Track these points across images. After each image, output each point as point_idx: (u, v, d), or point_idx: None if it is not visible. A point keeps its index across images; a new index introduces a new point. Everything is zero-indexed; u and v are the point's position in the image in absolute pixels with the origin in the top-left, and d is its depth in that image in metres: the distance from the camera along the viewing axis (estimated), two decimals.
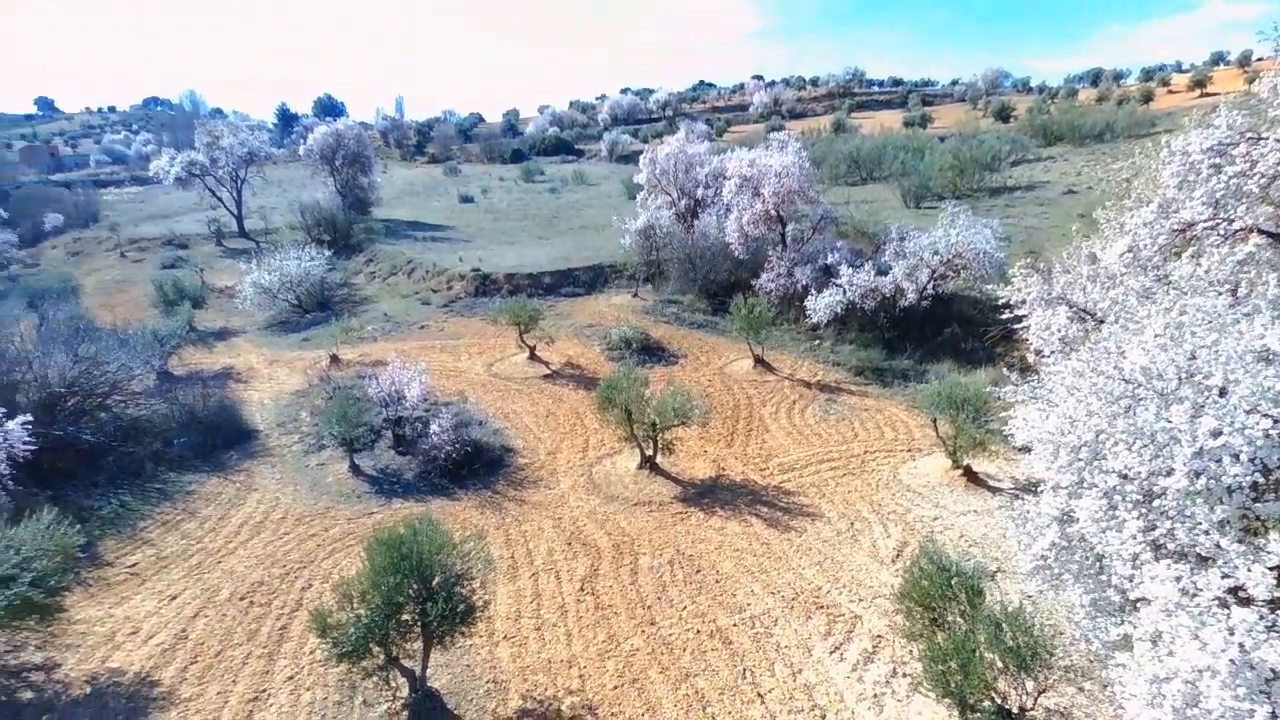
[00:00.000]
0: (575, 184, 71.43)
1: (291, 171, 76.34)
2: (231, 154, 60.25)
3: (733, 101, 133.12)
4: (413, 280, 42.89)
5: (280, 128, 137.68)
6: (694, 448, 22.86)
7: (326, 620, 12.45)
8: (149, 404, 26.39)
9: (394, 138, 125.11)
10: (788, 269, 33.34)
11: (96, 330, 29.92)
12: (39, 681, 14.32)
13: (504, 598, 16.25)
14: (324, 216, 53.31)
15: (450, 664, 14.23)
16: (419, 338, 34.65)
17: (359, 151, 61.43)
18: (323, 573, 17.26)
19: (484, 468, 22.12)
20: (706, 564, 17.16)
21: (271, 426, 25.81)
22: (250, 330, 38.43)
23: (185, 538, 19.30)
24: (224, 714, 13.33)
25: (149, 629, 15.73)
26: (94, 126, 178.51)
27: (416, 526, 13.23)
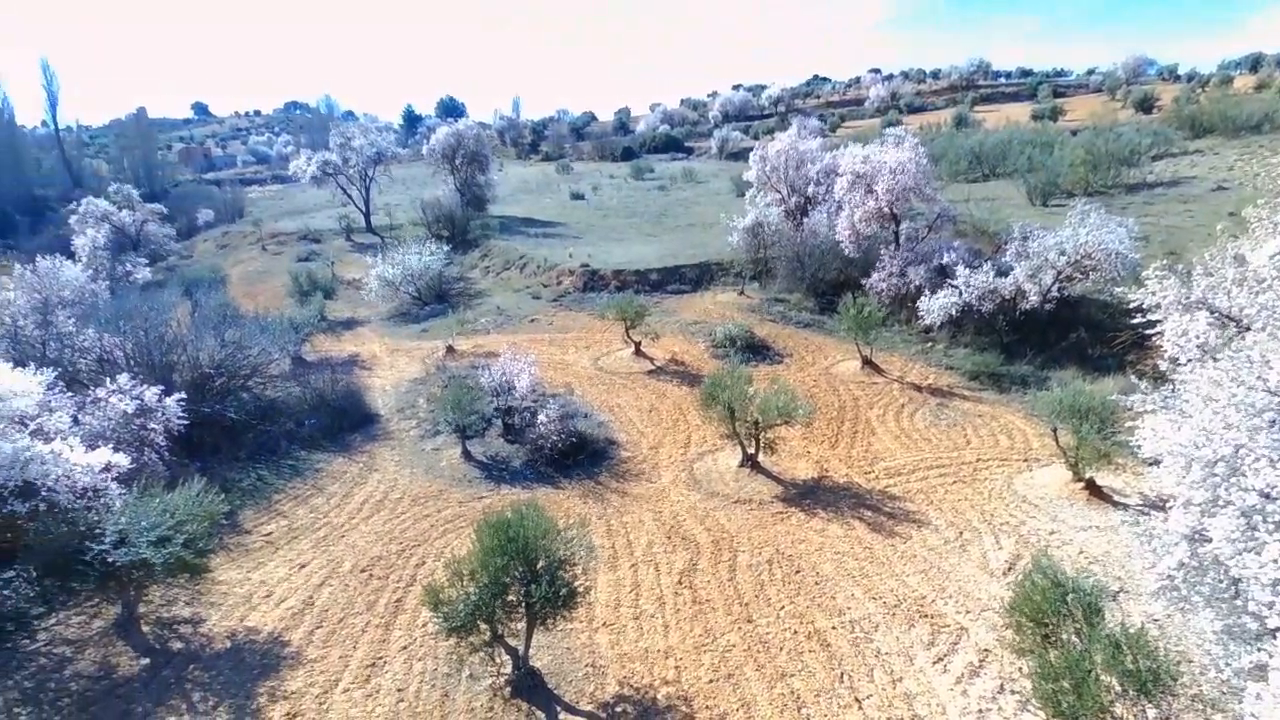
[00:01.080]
0: (684, 181, 71.65)
1: (415, 170, 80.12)
2: (361, 154, 63.85)
3: (847, 96, 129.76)
4: (524, 275, 44.26)
5: (405, 128, 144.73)
6: (797, 448, 22.64)
7: (439, 595, 13.17)
8: (284, 387, 28.52)
9: (510, 137, 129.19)
10: (900, 268, 32.39)
11: (240, 317, 32.51)
12: (187, 634, 15.82)
13: (604, 586, 16.66)
14: (443, 213, 55.74)
15: (551, 646, 14.75)
16: (529, 331, 35.78)
17: (477, 150, 63.81)
18: (435, 551, 18.20)
19: (588, 459, 22.68)
20: (806, 565, 17.01)
21: (392, 412, 27.33)
22: (374, 320, 40.74)
23: (314, 512, 20.78)
24: (344, 677, 14.33)
25: (281, 594, 17.06)
26: (241, 129, 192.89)
27: (523, 511, 13.78)
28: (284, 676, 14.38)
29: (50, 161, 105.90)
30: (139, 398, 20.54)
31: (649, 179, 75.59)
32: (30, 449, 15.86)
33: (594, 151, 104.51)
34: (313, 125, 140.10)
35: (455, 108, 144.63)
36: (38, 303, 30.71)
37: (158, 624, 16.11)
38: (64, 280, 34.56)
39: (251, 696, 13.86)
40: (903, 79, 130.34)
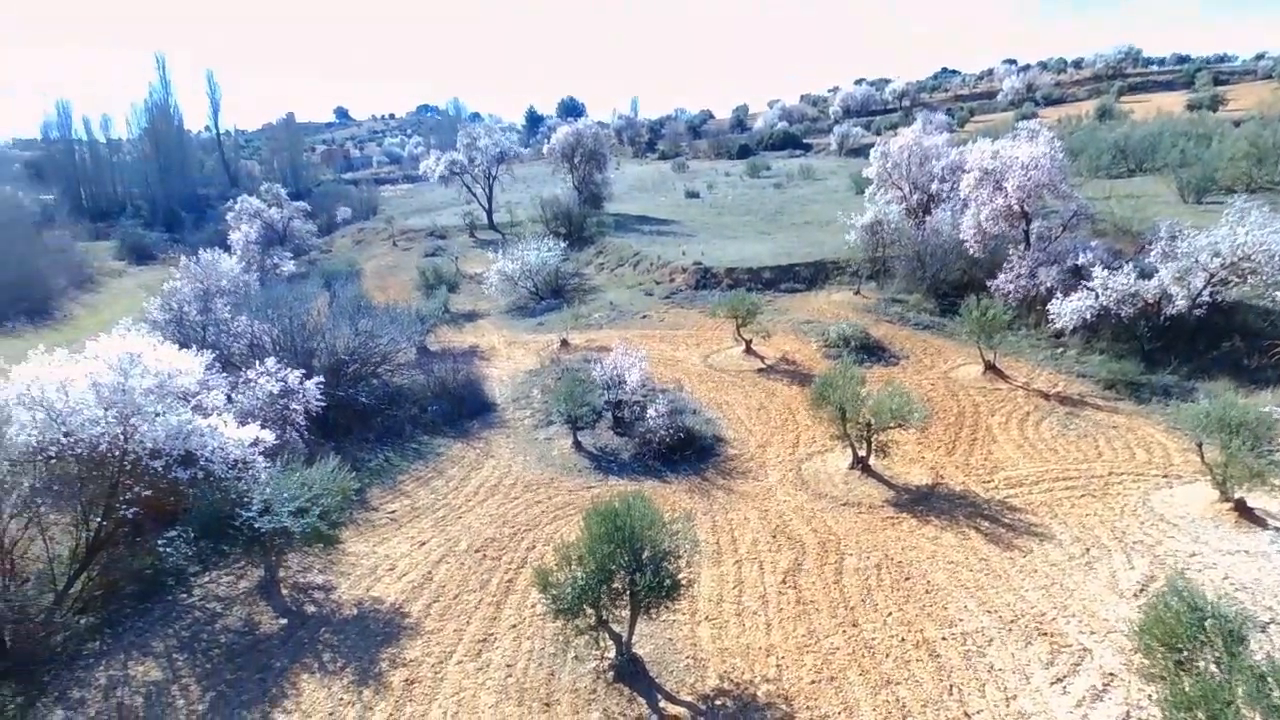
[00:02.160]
0: (801, 179, 70.44)
1: (535, 169, 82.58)
2: (486, 154, 66.48)
3: (978, 90, 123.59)
4: (637, 272, 44.84)
5: (527, 129, 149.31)
6: (910, 452, 21.96)
7: (548, 578, 13.70)
8: (410, 375, 30.19)
9: (627, 136, 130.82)
10: (1030, 269, 30.73)
11: (372, 309, 34.60)
12: (320, 599, 17.11)
13: (707, 580, 16.78)
14: (561, 210, 57.19)
15: (654, 635, 15.01)
16: (641, 327, 36.26)
17: (595, 149, 65.08)
18: (545, 536, 18.85)
19: (695, 454, 22.83)
20: (917, 572, 16.52)
21: (508, 401, 28.41)
22: (493, 314, 42.38)
23: (434, 493, 21.94)
24: (458, 649, 15.11)
25: (402, 568, 18.15)
26: (377, 131, 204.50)
27: (630, 502, 14.09)
28: (404, 645, 15.32)
29: (211, 163, 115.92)
30: (283, 380, 22.32)
31: (765, 176, 74.76)
32: (191, 422, 17.58)
33: (710, 149, 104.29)
34: (442, 127, 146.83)
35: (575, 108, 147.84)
36: (199, 291, 33.86)
37: (295, 588, 17.50)
38: (222, 271, 37.92)
39: (375, 661, 14.85)
40: (1040, 69, 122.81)
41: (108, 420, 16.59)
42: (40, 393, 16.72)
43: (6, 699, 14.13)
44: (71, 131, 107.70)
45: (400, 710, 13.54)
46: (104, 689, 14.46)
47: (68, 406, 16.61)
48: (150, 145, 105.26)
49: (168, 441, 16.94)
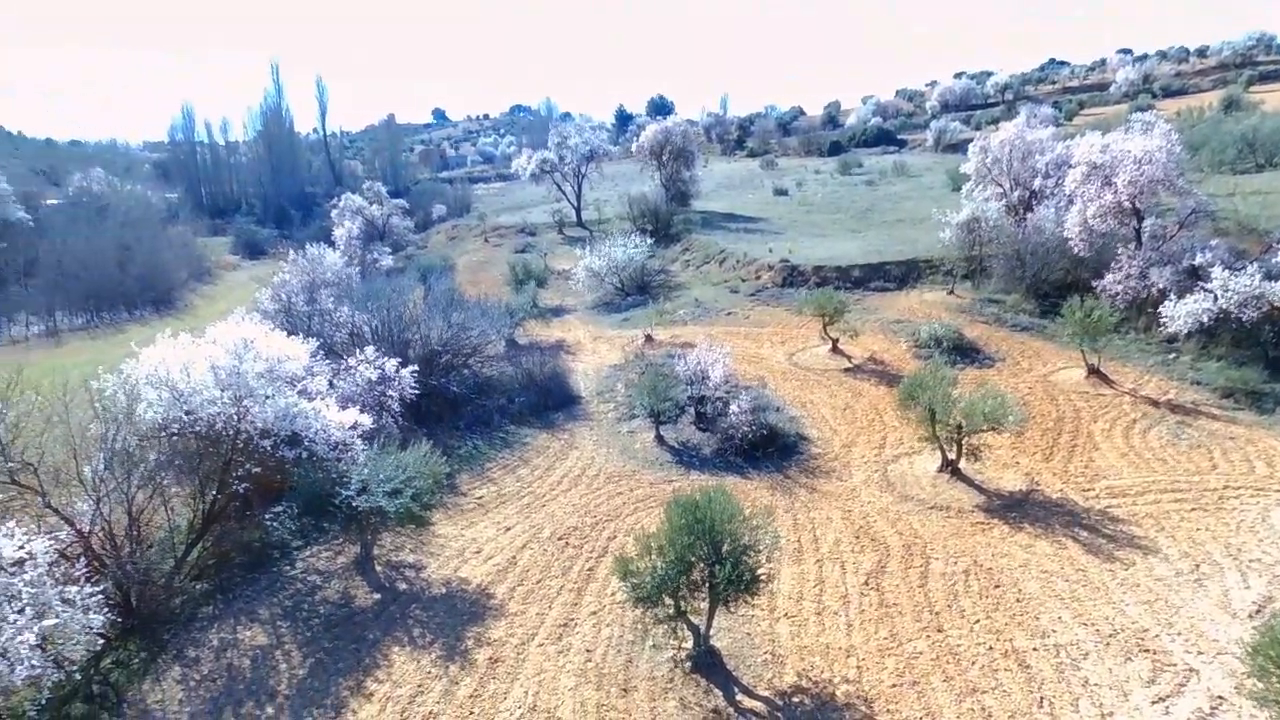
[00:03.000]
0: (894, 176, 68.57)
1: (624, 167, 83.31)
2: (576, 152, 67.57)
3: (1089, 81, 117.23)
4: (723, 269, 44.69)
5: (617, 127, 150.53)
6: (1004, 457, 21.17)
7: (628, 566, 13.91)
8: (499, 366, 31.07)
9: (716, 133, 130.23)
10: (1140, 269, 29.06)
11: (464, 303, 35.71)
12: (411, 577, 17.87)
13: (787, 578, 16.66)
14: (648, 208, 57.54)
15: (732, 629, 15.02)
16: (725, 324, 36.17)
17: (683, 147, 65.15)
18: (626, 527, 19.10)
19: (777, 452, 22.65)
20: (1007, 580, 15.95)
21: (592, 394, 28.86)
22: (580, 309, 43.07)
23: (519, 481, 22.53)
24: (540, 632, 15.52)
25: (488, 551, 18.74)
26: (472, 131, 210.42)
27: (711, 495, 14.16)
28: (488, 624, 15.84)
29: (318, 163, 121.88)
30: (381, 368, 23.37)
31: (856, 174, 73.15)
32: (297, 405, 18.67)
33: (800, 147, 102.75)
34: (534, 127, 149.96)
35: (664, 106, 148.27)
36: (306, 283, 35.76)
37: (388, 565, 18.33)
38: (326, 265, 39.94)
39: (461, 638, 15.42)
40: (1159, 59, 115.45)
41: (224, 401, 17.82)
42: (166, 374, 18.12)
43: (132, 653, 15.38)
44: (194, 134, 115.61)
45: (484, 687, 14.02)
46: (216, 650, 15.55)
47: (189, 387, 17.92)
48: (264, 147, 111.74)
49: (276, 422, 18.06)
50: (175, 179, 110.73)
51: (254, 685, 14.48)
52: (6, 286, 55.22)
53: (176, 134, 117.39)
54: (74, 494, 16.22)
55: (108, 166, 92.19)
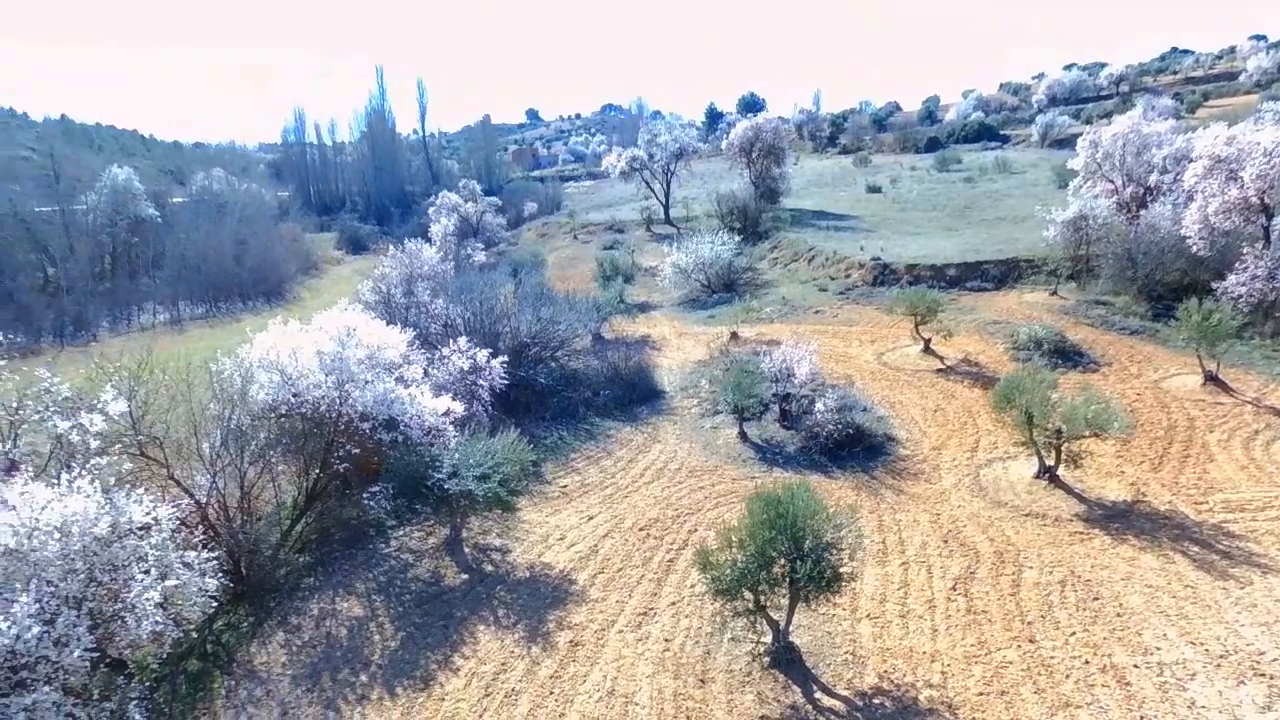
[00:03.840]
0: (995, 172, 65.89)
1: (713, 165, 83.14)
2: (665, 150, 67.88)
3: (1215, 70, 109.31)
4: (812, 267, 44.04)
5: (707, 125, 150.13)
6: (1108, 465, 20.12)
7: (709, 559, 13.96)
8: (585, 360, 31.60)
9: (808, 130, 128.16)
10: (1269, 270, 27.03)
11: (553, 297, 36.51)
12: (497, 560, 18.43)
13: (871, 579, 16.35)
14: (737, 205, 57.25)
15: (812, 627, 14.86)
16: (813, 322, 35.64)
17: (774, 144, 64.48)
18: (707, 521, 19.13)
19: (864, 452, 22.21)
20: (1107, 593, 15.18)
21: (676, 390, 28.98)
22: (666, 305, 43.27)
23: (603, 472, 22.88)
24: (620, 620, 15.75)
25: (571, 539, 19.13)
26: (564, 131, 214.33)
27: (793, 491, 14.05)
28: (570, 609, 16.19)
29: (417, 163, 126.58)
30: (473, 358, 24.17)
31: (955, 170, 70.69)
32: (394, 391, 19.56)
33: (895, 143, 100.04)
34: (624, 126, 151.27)
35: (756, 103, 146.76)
36: (404, 277, 37.25)
37: (475, 548, 18.97)
38: (423, 260, 41.50)
39: (543, 621, 15.82)
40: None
41: (328, 385, 18.86)
42: (276, 358, 19.30)
43: (241, 617, 16.47)
44: (305, 136, 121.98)
45: (564, 669, 14.35)
46: (316, 618, 16.47)
47: (297, 371, 19.04)
48: (367, 147, 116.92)
49: (375, 406, 18.98)
50: (287, 178, 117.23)
51: (350, 654, 15.27)
52: (137, 278, 59.77)
53: (289, 136, 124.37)
54: (193, 467, 17.48)
55: (227, 167, 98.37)
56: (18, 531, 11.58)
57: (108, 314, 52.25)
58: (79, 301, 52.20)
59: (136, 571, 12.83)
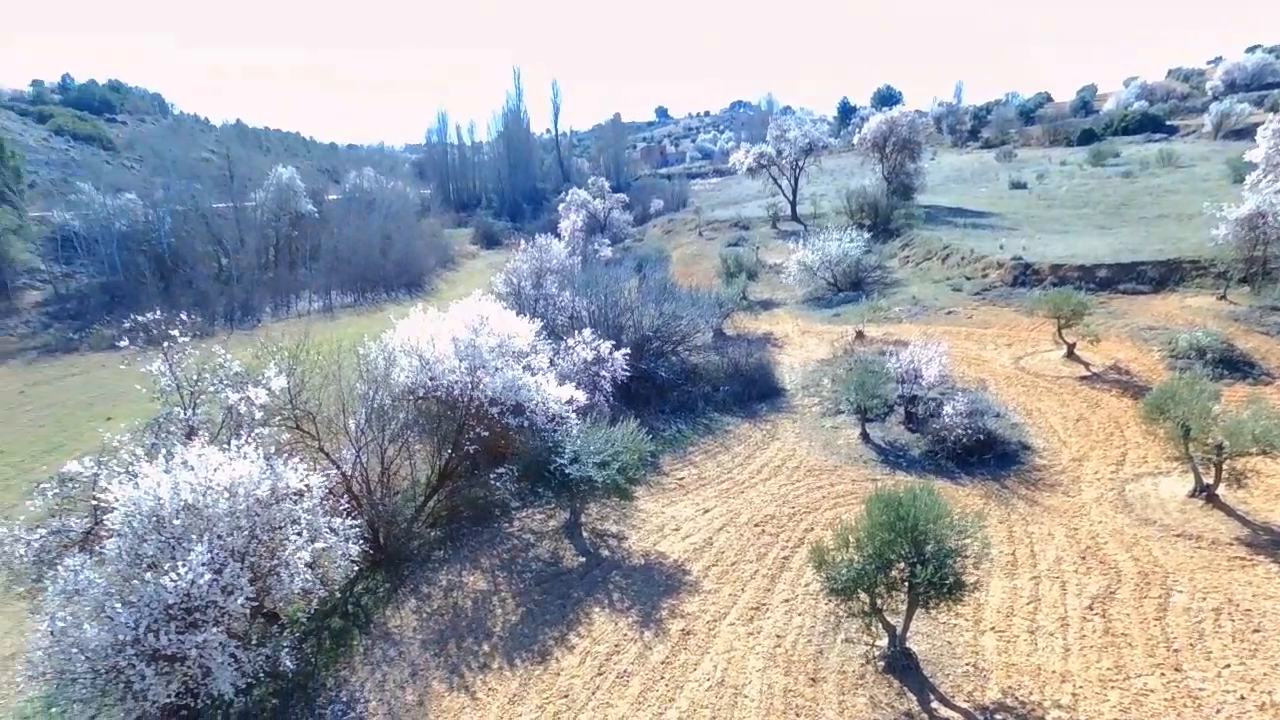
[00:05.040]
0: (1158, 166, 60.62)
1: (844, 160, 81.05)
2: (794, 145, 66.71)
3: None
4: (946, 266, 42.18)
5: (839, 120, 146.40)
6: (1278, 487, 18.24)
7: (824, 556, 13.79)
8: (706, 355, 31.70)
9: (947, 124, 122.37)
10: None
11: (676, 293, 36.79)
12: (613, 546, 18.91)
13: (997, 591, 15.63)
14: (867, 202, 55.59)
15: (931, 634, 14.39)
16: (945, 323, 34.19)
17: (909, 138, 62.05)
18: (824, 520, 18.84)
19: (995, 460, 21.18)
20: (1271, 625, 13.83)
21: (797, 388, 28.62)
22: (789, 303, 42.69)
23: (720, 466, 22.95)
24: (732, 612, 15.82)
25: (686, 530, 19.34)
26: (692, 128, 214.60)
27: (916, 493, 13.65)
28: (682, 598, 16.41)
29: (549, 161, 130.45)
30: (596, 350, 24.82)
31: (1111, 165, 65.56)
32: (522, 378, 20.41)
33: (1044, 136, 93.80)
34: (753, 122, 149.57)
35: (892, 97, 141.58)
36: (534, 270, 38.59)
37: (593, 533, 19.53)
38: (552, 254, 42.78)
39: (656, 608, 16.12)
40: None
41: (461, 370, 19.94)
42: (415, 344, 20.61)
43: (378, 583, 17.73)
44: (446, 137, 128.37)
45: (675, 655, 14.59)
46: (444, 589, 17.48)
47: (434, 356, 20.25)
48: (503, 146, 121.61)
49: (504, 392, 19.90)
50: (429, 176, 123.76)
51: (473, 624, 16.13)
52: (296, 269, 64.85)
53: (432, 137, 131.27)
54: (341, 442, 18.95)
55: (376, 166, 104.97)
56: (195, 489, 13.01)
57: (270, 301, 57.04)
58: (247, 289, 57.32)
59: (290, 533, 14.09)
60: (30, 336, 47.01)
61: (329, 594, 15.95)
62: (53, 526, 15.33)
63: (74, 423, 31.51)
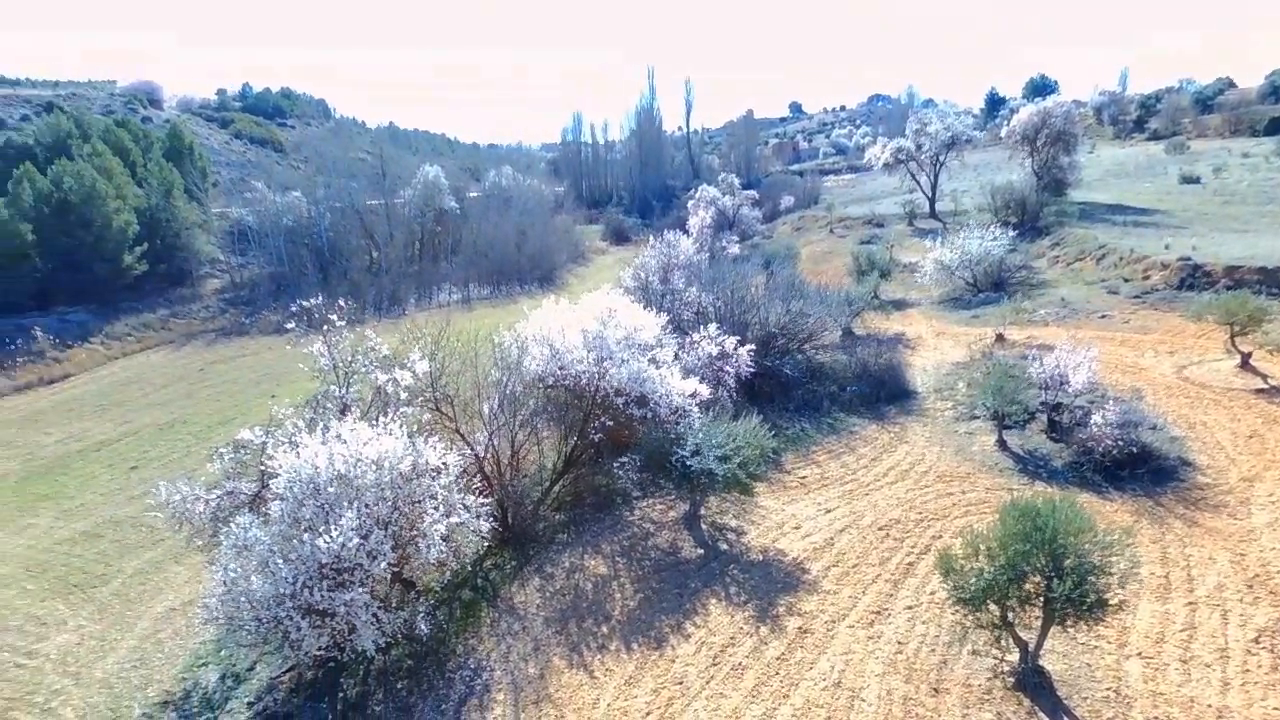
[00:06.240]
0: None
1: (989, 155, 76.86)
2: (935, 139, 63.88)
3: None
4: (1101, 267, 39.21)
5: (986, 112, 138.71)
6: None
7: (952, 564, 13.28)
8: (833, 354, 31.06)
9: (1109, 114, 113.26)
10: None
11: (804, 290, 36.15)
12: (731, 540, 18.95)
13: (1146, 614, 14.51)
14: (1014, 198, 52.48)
15: (1068, 654, 13.57)
16: (1097, 327, 31.84)
17: (1064, 130, 58.00)
18: (954, 528, 18.08)
19: (1149, 475, 19.59)
20: None
21: (929, 391, 27.54)
22: (924, 303, 41.04)
23: (844, 467, 22.48)
24: (851, 614, 15.51)
25: (806, 529, 19.09)
26: (827, 124, 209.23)
27: (1056, 504, 12.90)
28: (800, 597, 16.25)
29: (680, 158, 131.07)
30: (721, 345, 24.86)
31: None
32: (647, 370, 20.79)
33: (1224, 125, 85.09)
34: (892, 116, 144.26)
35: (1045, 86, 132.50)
36: (662, 265, 39.06)
37: (712, 526, 19.64)
38: (679, 250, 43.14)
39: (773, 604, 16.04)
40: None
41: (589, 360, 20.57)
42: (546, 334, 21.42)
43: (505, 560, 18.59)
44: (580, 136, 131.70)
45: (791, 653, 14.48)
46: (567, 571, 18.11)
47: (563, 346, 20.99)
48: (635, 144, 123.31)
49: (629, 383, 20.36)
50: (563, 174, 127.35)
51: (593, 606, 16.62)
52: (438, 262, 68.61)
53: (567, 136, 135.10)
54: (475, 425, 19.97)
55: (514, 165, 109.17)
56: (347, 460, 14.15)
57: (415, 292, 60.57)
58: (394, 280, 61.16)
59: (428, 506, 15.04)
60: (210, 320, 52.29)
61: (460, 567, 16.95)
62: (226, 488, 17.09)
63: (244, 398, 34.82)
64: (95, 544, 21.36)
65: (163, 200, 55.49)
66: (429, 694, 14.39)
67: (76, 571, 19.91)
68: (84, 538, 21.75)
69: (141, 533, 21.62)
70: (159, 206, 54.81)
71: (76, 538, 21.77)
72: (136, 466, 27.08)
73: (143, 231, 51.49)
